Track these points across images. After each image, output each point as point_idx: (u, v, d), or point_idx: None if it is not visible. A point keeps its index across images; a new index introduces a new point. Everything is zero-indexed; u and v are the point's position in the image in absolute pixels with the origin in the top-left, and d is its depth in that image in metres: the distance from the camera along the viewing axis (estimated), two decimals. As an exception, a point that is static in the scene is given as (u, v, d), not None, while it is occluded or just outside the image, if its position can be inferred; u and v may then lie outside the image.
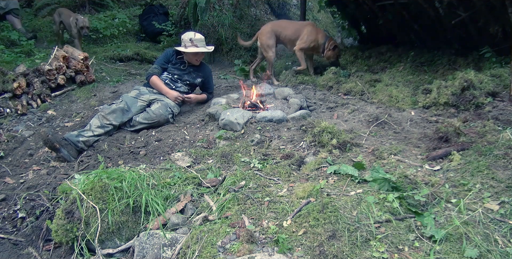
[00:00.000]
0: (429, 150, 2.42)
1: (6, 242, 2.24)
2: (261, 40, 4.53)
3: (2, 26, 6.09)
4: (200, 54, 3.72)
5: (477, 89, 3.14)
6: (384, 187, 1.98)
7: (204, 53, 3.77)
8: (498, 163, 2.13)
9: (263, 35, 4.50)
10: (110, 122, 3.24)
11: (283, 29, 4.49)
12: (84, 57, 4.48)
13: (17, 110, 3.90)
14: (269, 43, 4.46)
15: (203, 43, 3.65)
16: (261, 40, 4.52)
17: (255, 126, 3.01)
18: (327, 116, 3.30)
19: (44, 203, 2.44)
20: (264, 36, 4.48)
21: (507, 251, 1.56)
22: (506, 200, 1.83)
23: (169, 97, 3.58)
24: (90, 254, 1.99)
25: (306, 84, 4.34)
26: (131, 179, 2.13)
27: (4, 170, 2.97)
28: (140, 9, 7.61)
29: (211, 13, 5.89)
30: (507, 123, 2.68)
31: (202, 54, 3.75)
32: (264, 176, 2.29)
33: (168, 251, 1.82)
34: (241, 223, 1.85)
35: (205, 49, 3.66)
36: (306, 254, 1.63)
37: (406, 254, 1.59)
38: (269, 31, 4.49)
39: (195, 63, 3.74)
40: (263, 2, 6.64)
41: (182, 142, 2.99)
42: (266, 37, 4.46)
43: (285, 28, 4.49)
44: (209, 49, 3.71)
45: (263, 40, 4.50)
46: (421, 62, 4.53)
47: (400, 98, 3.41)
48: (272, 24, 4.66)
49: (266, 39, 4.46)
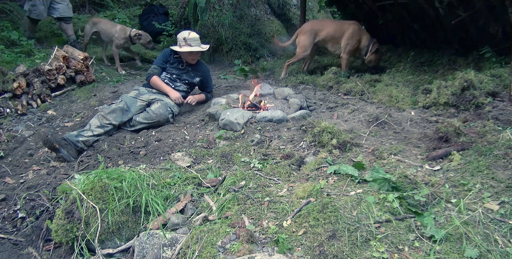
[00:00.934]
0: (429, 150, 2.42)
1: (6, 242, 2.24)
2: (299, 38, 4.47)
3: (2, 26, 6.08)
4: (195, 53, 3.69)
5: (477, 89, 3.14)
6: (384, 187, 1.98)
7: (199, 52, 3.74)
8: (498, 163, 2.13)
9: (302, 33, 4.43)
10: (109, 122, 3.24)
11: (324, 28, 4.38)
12: (84, 57, 4.48)
13: (17, 110, 3.90)
14: (306, 42, 4.40)
15: (197, 42, 3.63)
16: (300, 39, 4.46)
17: (255, 126, 3.01)
18: (327, 116, 3.30)
19: (44, 203, 2.44)
20: (303, 35, 4.42)
21: (507, 251, 1.56)
22: (506, 200, 1.83)
23: (170, 96, 3.58)
24: (90, 254, 1.99)
25: (306, 84, 4.34)
26: (131, 179, 2.13)
27: (4, 170, 2.97)
28: (140, 9, 7.61)
29: (211, 13, 5.89)
30: (507, 123, 2.68)
31: (197, 53, 3.72)
32: (264, 176, 2.29)
33: (168, 251, 1.82)
34: (241, 223, 1.85)
35: (199, 48, 3.63)
36: (306, 254, 1.63)
37: (406, 254, 1.59)
38: (309, 30, 4.40)
39: (191, 62, 3.74)
40: (263, 2, 6.63)
41: (182, 142, 2.99)
42: (305, 36, 4.40)
43: (327, 27, 4.38)
44: (203, 48, 3.69)
45: (301, 39, 4.44)
46: (421, 62, 4.53)
47: (400, 98, 3.41)
48: (313, 23, 4.59)
49: (305, 38, 4.40)
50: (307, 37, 4.40)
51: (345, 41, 4.25)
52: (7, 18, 6.76)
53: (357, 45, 4.28)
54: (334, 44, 4.36)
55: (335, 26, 4.34)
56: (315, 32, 4.40)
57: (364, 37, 4.29)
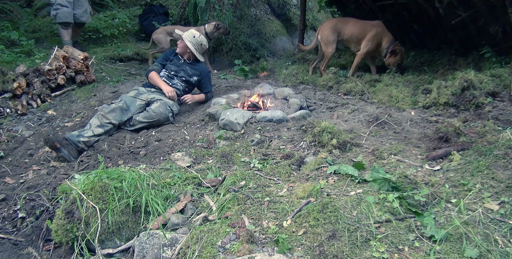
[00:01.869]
0: (429, 150, 2.42)
1: (6, 242, 2.24)
2: (322, 34, 4.30)
3: (2, 26, 6.08)
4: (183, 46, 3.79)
5: (477, 89, 3.14)
6: (384, 187, 1.98)
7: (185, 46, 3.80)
8: (498, 163, 2.13)
9: (325, 29, 4.28)
10: (109, 121, 3.24)
11: (348, 27, 4.24)
12: (84, 57, 4.48)
13: (17, 110, 3.90)
14: (329, 39, 4.23)
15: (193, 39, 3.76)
16: (322, 34, 4.29)
17: (255, 126, 3.01)
18: (327, 116, 3.30)
19: (44, 203, 2.44)
20: (326, 30, 4.26)
21: (507, 251, 1.56)
22: (506, 200, 1.83)
23: (163, 90, 3.61)
24: (90, 254, 1.99)
25: (306, 84, 4.34)
26: (131, 179, 2.13)
27: (4, 170, 2.97)
28: (140, 9, 7.60)
29: (211, 13, 5.89)
30: (507, 123, 2.68)
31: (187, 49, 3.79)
32: (264, 176, 2.29)
33: (168, 251, 1.82)
34: (241, 223, 1.85)
35: (182, 35, 3.81)
36: (306, 254, 1.63)
37: (406, 254, 1.59)
38: (332, 26, 4.26)
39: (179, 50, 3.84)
40: (263, 2, 6.63)
41: (182, 142, 2.99)
42: (328, 32, 4.24)
43: (350, 26, 4.23)
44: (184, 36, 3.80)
45: (324, 35, 4.27)
46: (421, 62, 4.53)
47: (400, 98, 3.41)
48: (337, 20, 4.46)
49: (328, 33, 4.24)
50: (330, 34, 4.23)
51: (365, 43, 4.17)
52: (7, 18, 6.76)
53: (376, 47, 4.19)
54: (357, 45, 4.26)
55: (359, 27, 4.21)
56: (339, 30, 4.26)
57: (385, 39, 4.17)
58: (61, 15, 5.09)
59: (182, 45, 3.82)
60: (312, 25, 7.43)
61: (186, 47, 3.79)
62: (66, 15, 5.12)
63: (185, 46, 3.79)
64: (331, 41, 4.25)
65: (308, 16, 7.08)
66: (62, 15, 5.09)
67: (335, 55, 5.30)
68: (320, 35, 4.34)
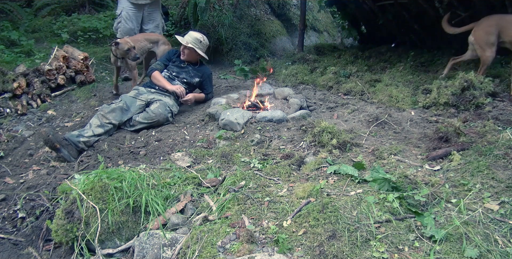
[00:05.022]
0: (429, 150, 2.42)
1: (6, 242, 2.24)
2: (477, 34, 3.46)
3: (2, 26, 6.08)
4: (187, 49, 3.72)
5: (477, 89, 3.14)
6: (384, 187, 1.98)
7: (192, 52, 3.74)
8: (498, 163, 2.13)
9: (481, 28, 3.43)
10: (109, 121, 3.24)
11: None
12: (84, 57, 4.48)
13: (17, 110, 3.90)
14: (488, 40, 3.38)
15: (194, 41, 3.69)
16: (477, 35, 3.45)
17: (255, 126, 3.01)
18: (327, 116, 3.30)
19: (44, 203, 2.44)
20: (482, 30, 3.42)
21: (507, 251, 1.56)
22: (506, 200, 1.83)
23: (169, 89, 3.60)
24: (90, 254, 1.99)
25: (306, 84, 4.34)
26: (131, 179, 2.13)
27: (4, 170, 2.97)
28: (140, 9, 7.59)
29: (211, 13, 5.88)
30: (507, 123, 2.68)
31: (189, 50, 3.74)
32: (264, 176, 2.29)
33: (168, 251, 1.82)
34: (241, 223, 1.85)
35: (183, 41, 3.69)
36: (306, 254, 1.63)
37: (406, 254, 1.59)
38: (492, 25, 3.38)
39: (183, 56, 3.79)
40: (263, 2, 6.63)
41: (182, 142, 2.99)
42: (485, 32, 3.39)
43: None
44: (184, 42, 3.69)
45: (480, 35, 3.43)
46: (421, 62, 4.53)
47: (400, 98, 3.41)
48: (499, 18, 3.45)
49: (485, 34, 3.39)
50: (487, 34, 3.39)
51: None
52: (7, 18, 6.76)
53: None
54: None
55: None
56: (499, 30, 3.38)
57: None
58: (122, 30, 4.91)
59: (188, 52, 3.75)
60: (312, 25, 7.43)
61: (195, 53, 3.74)
62: (126, 31, 4.88)
63: (192, 53, 3.74)
64: (490, 43, 3.41)
65: (308, 16, 7.08)
66: (123, 30, 4.90)
67: (335, 55, 5.30)
68: (474, 35, 3.51)
